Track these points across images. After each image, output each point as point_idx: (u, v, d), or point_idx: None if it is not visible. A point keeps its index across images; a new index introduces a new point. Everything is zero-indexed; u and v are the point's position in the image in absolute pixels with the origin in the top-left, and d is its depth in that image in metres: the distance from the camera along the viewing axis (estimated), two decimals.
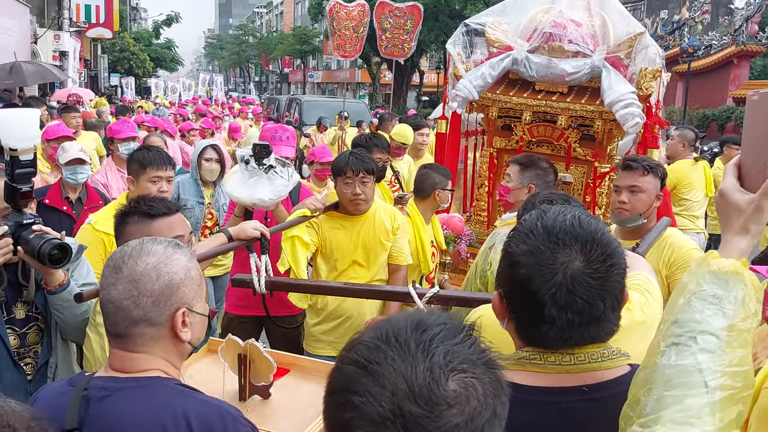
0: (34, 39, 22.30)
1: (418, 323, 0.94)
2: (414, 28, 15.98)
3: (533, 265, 1.30)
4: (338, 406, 0.91)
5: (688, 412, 1.09)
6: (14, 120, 2.22)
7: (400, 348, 0.90)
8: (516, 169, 3.32)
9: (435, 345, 0.90)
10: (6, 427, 0.88)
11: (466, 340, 0.94)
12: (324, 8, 37.96)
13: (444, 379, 0.87)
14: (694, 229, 6.00)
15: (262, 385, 2.06)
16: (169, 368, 1.51)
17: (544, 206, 1.44)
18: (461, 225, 4.02)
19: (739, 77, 25.42)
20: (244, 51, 75.53)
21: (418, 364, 0.88)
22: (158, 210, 2.16)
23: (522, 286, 1.31)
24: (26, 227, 2.27)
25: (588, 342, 1.33)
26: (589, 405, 1.31)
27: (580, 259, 1.29)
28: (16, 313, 2.42)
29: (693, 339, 1.15)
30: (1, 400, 0.92)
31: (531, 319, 1.32)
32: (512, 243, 1.37)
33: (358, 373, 0.90)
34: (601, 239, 1.32)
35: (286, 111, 20.64)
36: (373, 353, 0.91)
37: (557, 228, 1.32)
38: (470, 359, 0.91)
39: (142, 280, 1.46)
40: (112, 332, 1.50)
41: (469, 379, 0.89)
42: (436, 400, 0.86)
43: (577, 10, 4.20)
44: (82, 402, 1.42)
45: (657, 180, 3.17)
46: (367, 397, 0.87)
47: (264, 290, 2.68)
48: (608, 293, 1.31)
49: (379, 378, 0.88)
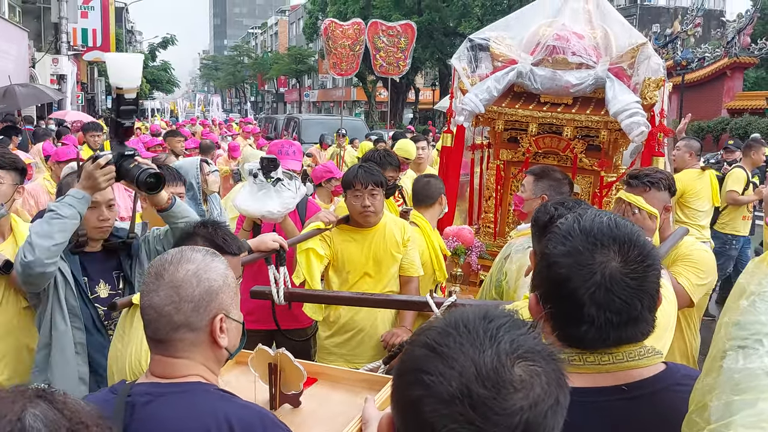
0: (32, 63, 22.41)
1: (486, 314, 0.98)
2: (408, 46, 16.09)
3: (572, 265, 1.33)
4: (408, 384, 0.94)
5: (760, 416, 1.07)
6: (122, 62, 2.56)
7: (469, 334, 0.94)
8: (530, 179, 3.36)
9: (502, 333, 0.94)
10: (79, 424, 0.92)
11: (530, 332, 0.97)
12: (319, 28, 38.32)
13: (510, 365, 0.91)
14: (701, 238, 6.02)
15: (293, 393, 2.08)
16: (208, 374, 1.54)
17: (581, 209, 1.48)
18: (471, 237, 4.05)
19: (733, 89, 25.64)
20: (239, 71, 75.85)
21: (486, 349, 0.92)
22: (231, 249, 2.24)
23: (561, 287, 1.34)
24: (128, 158, 2.59)
25: (625, 342, 1.36)
26: (628, 404, 1.33)
27: (617, 259, 1.32)
28: (100, 292, 2.78)
29: (759, 341, 1.13)
30: (73, 399, 0.95)
31: (569, 319, 1.35)
32: (550, 245, 1.39)
33: (428, 355, 0.94)
34: (637, 241, 1.35)
35: (285, 130, 20.72)
36: (443, 337, 0.95)
37: (595, 229, 1.35)
38: (535, 349, 0.95)
39: (183, 286, 1.50)
40: (153, 338, 1.53)
41: (534, 367, 0.93)
42: (503, 384, 0.90)
43: (580, 23, 4.27)
44: (126, 408, 1.45)
45: (662, 192, 3.09)
46: (437, 377, 0.91)
47: (283, 301, 2.71)
48: (645, 293, 1.33)
49: (448, 360, 0.92)
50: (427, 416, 0.90)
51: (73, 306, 2.67)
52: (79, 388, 2.63)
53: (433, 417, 0.90)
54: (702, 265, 3.03)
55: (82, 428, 0.92)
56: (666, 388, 1.35)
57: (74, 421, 0.91)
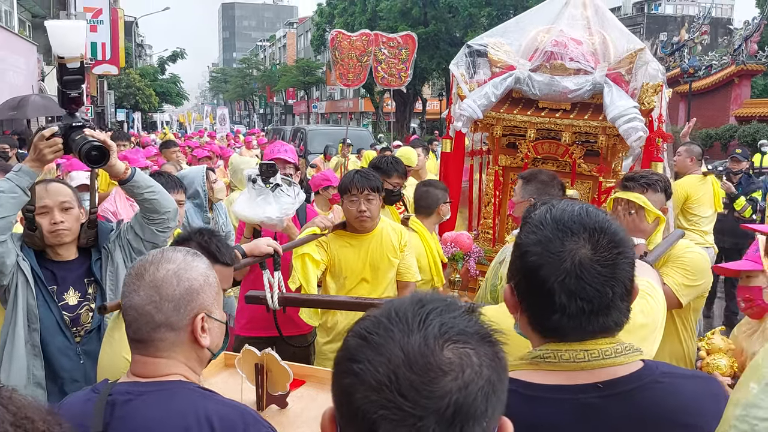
0: (41, 77, 22.60)
1: (419, 300, 0.98)
2: (409, 57, 16.07)
3: (542, 253, 1.33)
4: (341, 374, 0.95)
5: None
6: (63, 30, 2.49)
7: (399, 321, 0.94)
8: (520, 183, 3.36)
9: (432, 318, 0.94)
10: (24, 419, 0.91)
11: (464, 314, 0.97)
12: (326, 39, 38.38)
13: (439, 348, 0.91)
14: (703, 244, 5.98)
15: (279, 394, 2.08)
16: (189, 373, 1.55)
17: (554, 201, 1.48)
18: (469, 243, 4.05)
19: (741, 96, 25.52)
20: (248, 84, 76.20)
21: (413, 333, 0.92)
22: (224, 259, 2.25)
23: (532, 275, 1.34)
24: (76, 129, 2.51)
25: (599, 331, 1.35)
26: (603, 402, 1.32)
27: (587, 246, 1.32)
28: (68, 299, 2.72)
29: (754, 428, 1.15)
30: (20, 395, 0.95)
31: (542, 308, 1.35)
32: (522, 235, 1.40)
33: (359, 344, 0.95)
34: (608, 228, 1.35)
35: (291, 141, 20.81)
36: (374, 326, 0.95)
37: (565, 218, 1.36)
38: (466, 331, 0.94)
39: (163, 286, 1.50)
40: (134, 338, 1.53)
41: (464, 349, 0.92)
42: (430, 367, 0.89)
43: (577, 29, 4.28)
44: (107, 406, 1.45)
45: (658, 194, 3.12)
46: (366, 365, 0.91)
47: (277, 306, 2.71)
48: (617, 281, 1.33)
49: (378, 347, 0.92)
50: (359, 404, 0.91)
51: (32, 305, 2.64)
52: (33, 390, 2.60)
53: (364, 404, 0.90)
54: (692, 266, 3.02)
55: (27, 423, 0.91)
56: (643, 386, 1.34)
57: (19, 416, 0.91)
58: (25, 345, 2.62)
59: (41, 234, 2.66)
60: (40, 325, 2.64)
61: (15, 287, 2.63)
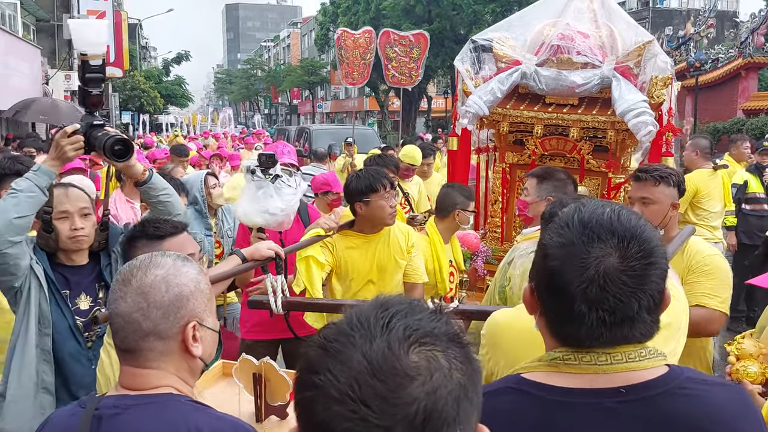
0: (46, 80, 22.64)
1: (383, 304, 0.92)
2: (420, 56, 15.99)
3: (565, 257, 1.25)
4: (301, 387, 0.89)
5: None
6: (85, 28, 2.52)
7: (361, 326, 0.88)
8: (533, 182, 3.25)
9: (396, 321, 0.88)
10: None
11: (430, 316, 0.91)
12: (330, 39, 38.43)
13: (403, 352, 0.85)
14: (712, 239, 5.88)
15: (279, 404, 2.01)
16: (181, 385, 1.46)
17: (584, 199, 1.39)
18: (477, 242, 3.98)
19: (748, 89, 25.36)
20: (253, 84, 76.33)
21: (376, 339, 0.86)
22: (165, 230, 2.17)
23: (552, 279, 1.27)
24: (97, 128, 2.53)
25: (622, 342, 1.27)
26: (626, 407, 1.24)
27: (615, 255, 1.23)
28: (80, 304, 2.69)
29: None
30: None
31: (560, 314, 1.27)
32: (546, 235, 1.32)
33: (319, 354, 0.88)
34: (640, 235, 1.25)
35: (296, 141, 20.75)
36: (335, 334, 0.89)
37: (593, 222, 1.26)
38: (433, 333, 0.88)
39: (151, 292, 1.42)
40: (121, 347, 1.45)
41: (432, 352, 0.86)
42: (395, 373, 0.83)
43: (584, 23, 4.19)
44: (93, 421, 1.38)
45: (671, 188, 3.01)
46: (327, 375, 0.85)
47: (281, 311, 2.63)
48: (644, 293, 1.24)
49: (339, 356, 0.86)
50: (321, 417, 0.84)
51: (44, 309, 2.60)
52: (42, 397, 2.55)
53: (326, 417, 0.84)
54: (724, 274, 2.89)
55: None
56: (667, 392, 1.25)
57: None
58: (35, 349, 2.58)
59: (56, 237, 2.64)
60: (52, 329, 2.61)
61: (27, 290, 2.59)
